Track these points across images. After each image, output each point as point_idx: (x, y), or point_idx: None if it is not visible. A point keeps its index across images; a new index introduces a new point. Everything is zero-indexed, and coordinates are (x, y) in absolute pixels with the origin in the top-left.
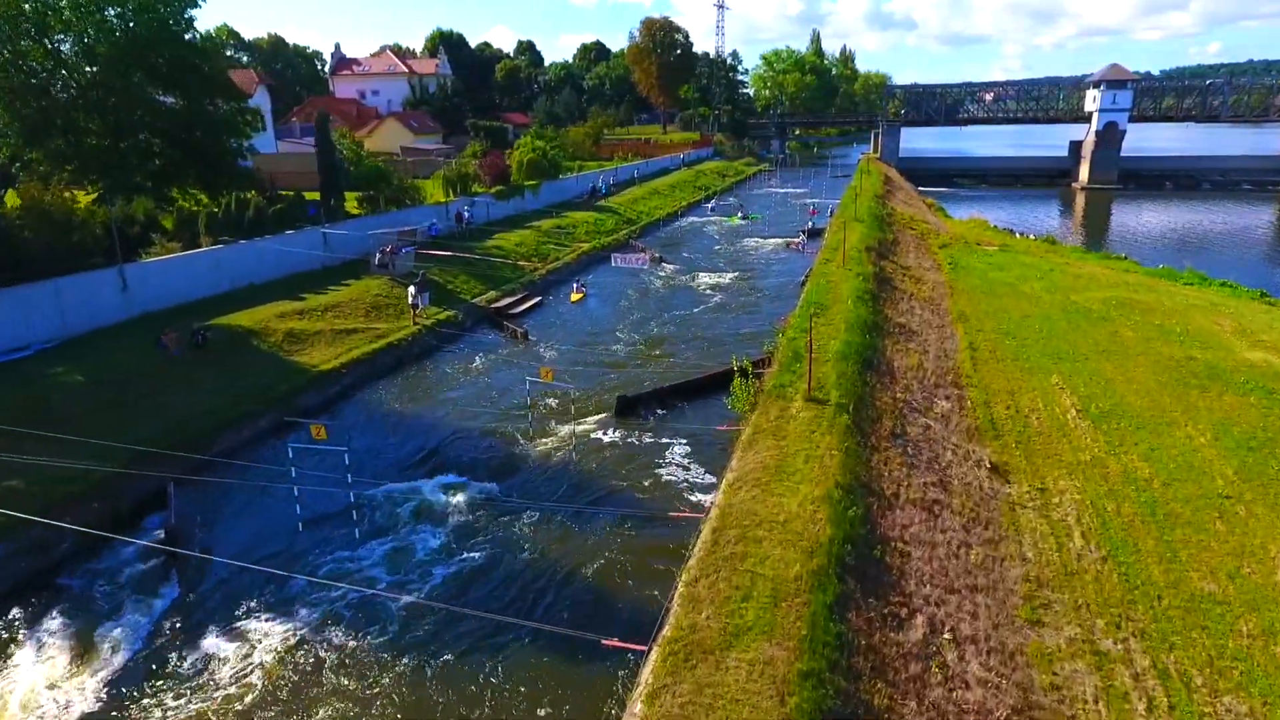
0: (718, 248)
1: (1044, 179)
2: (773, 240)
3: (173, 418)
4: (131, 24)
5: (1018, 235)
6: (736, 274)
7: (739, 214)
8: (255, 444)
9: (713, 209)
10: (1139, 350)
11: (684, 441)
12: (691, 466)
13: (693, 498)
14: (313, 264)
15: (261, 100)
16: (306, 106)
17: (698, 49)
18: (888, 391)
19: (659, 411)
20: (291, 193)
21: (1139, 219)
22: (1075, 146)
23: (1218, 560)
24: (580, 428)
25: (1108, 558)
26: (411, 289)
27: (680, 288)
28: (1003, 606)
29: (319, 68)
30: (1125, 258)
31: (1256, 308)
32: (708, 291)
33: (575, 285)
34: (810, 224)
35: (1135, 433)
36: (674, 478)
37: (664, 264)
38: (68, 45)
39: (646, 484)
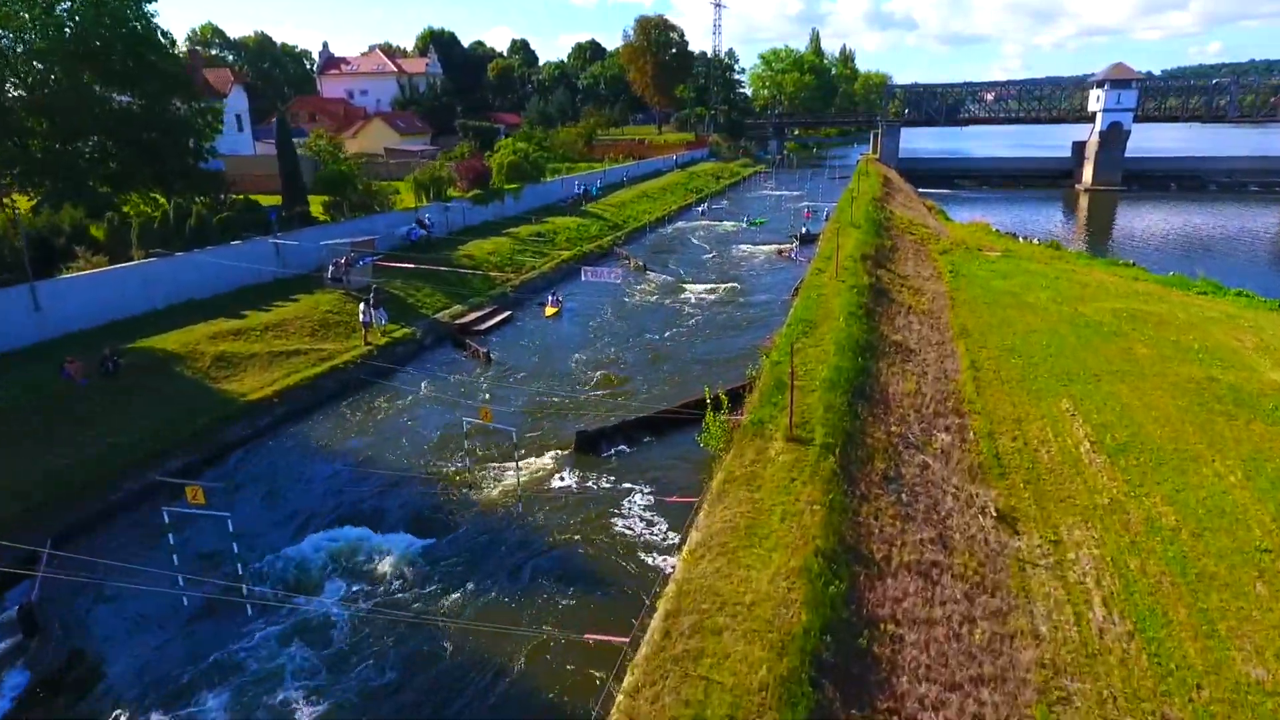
0: (706, 255)
1: (1047, 180)
2: (765, 246)
3: (59, 463)
4: (78, 18)
5: (1021, 240)
6: (724, 285)
7: (746, 219)
8: (152, 497)
9: (704, 212)
10: (1155, 370)
11: (647, 489)
12: (655, 520)
13: (650, 560)
14: (264, 276)
15: (238, 100)
16: (292, 106)
17: (696, 48)
18: (881, 424)
19: (623, 448)
20: (243, 197)
21: (1144, 222)
22: (1078, 147)
23: (1263, 635)
24: (536, 465)
25: (1135, 633)
26: (362, 305)
27: (663, 300)
28: (1013, 704)
29: (308, 67)
30: (1133, 264)
31: (1277, 320)
32: (691, 305)
33: (550, 299)
34: (804, 229)
35: (1157, 470)
36: (633, 532)
37: (648, 273)
38: (8, 40)
39: (600, 541)
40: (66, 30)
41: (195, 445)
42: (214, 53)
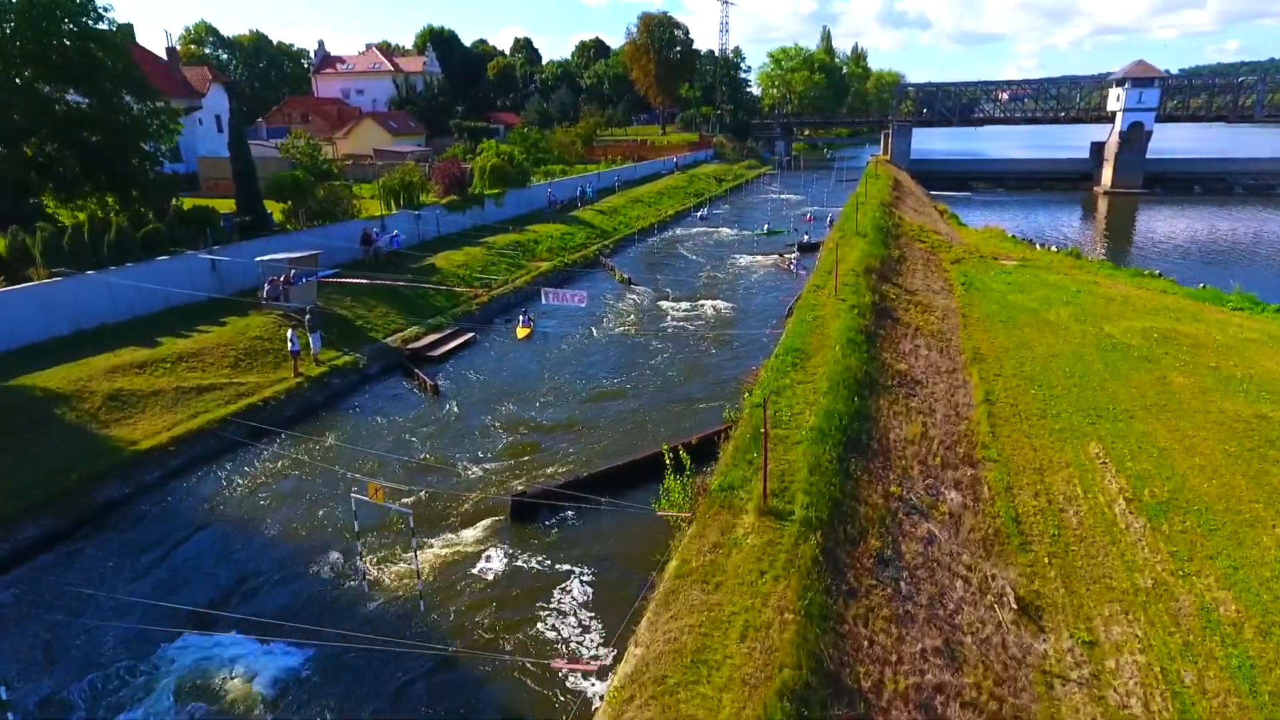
0: (699, 267)
1: (1064, 183)
2: (762, 257)
3: None
4: (11, 10)
5: (1038, 247)
6: (713, 302)
7: (764, 226)
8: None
9: (703, 218)
10: (1195, 405)
11: (589, 574)
12: (590, 624)
13: (575, 685)
14: (198, 295)
15: (218, 100)
16: (285, 107)
17: (705, 47)
18: (879, 483)
19: (568, 515)
20: (190, 205)
21: (1167, 226)
22: (1097, 148)
23: None
24: (458, 543)
25: None
26: (290, 332)
27: (645, 320)
28: None
29: (306, 67)
30: (1160, 275)
31: None
32: (676, 326)
33: (521, 318)
34: (806, 235)
35: (1208, 538)
36: (560, 637)
37: (633, 286)
38: None
39: (513, 656)
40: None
41: (60, 508)
42: (207, 51)
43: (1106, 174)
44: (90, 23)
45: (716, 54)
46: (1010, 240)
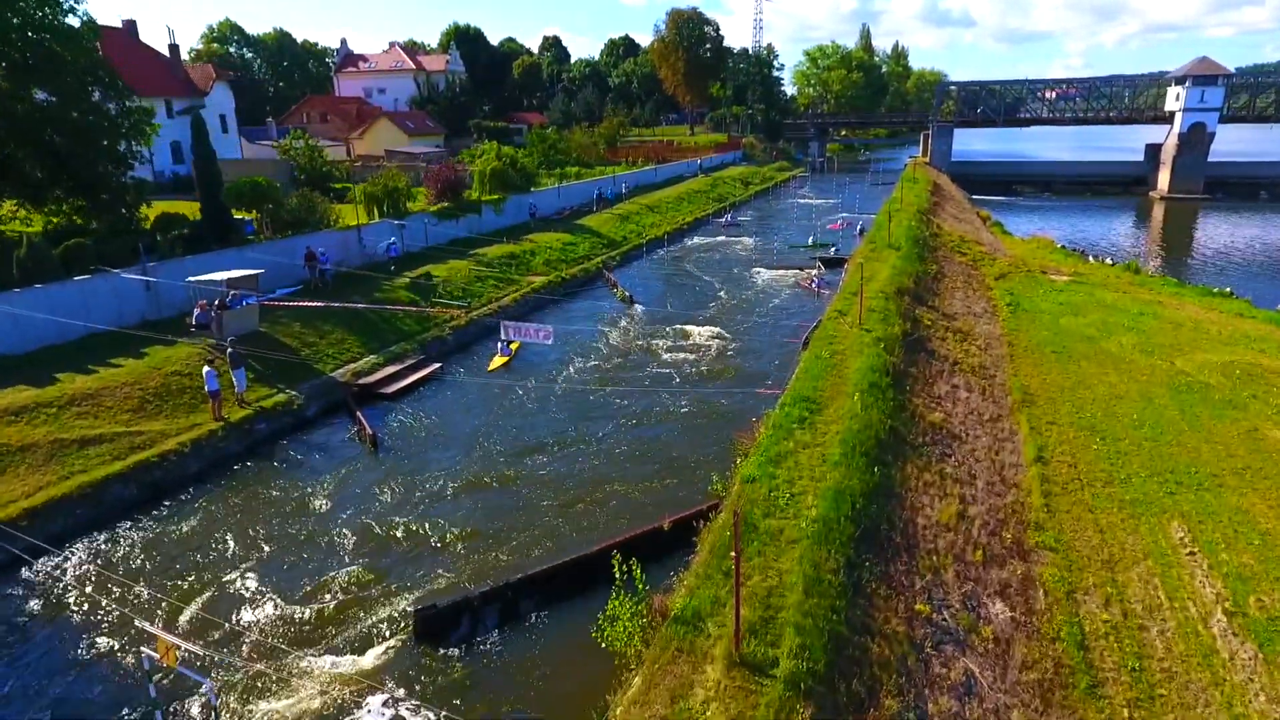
0: (711, 283)
1: (1117, 187)
2: (785, 271)
3: None
4: None
5: (1091, 259)
6: (718, 330)
7: (810, 239)
8: None
9: (726, 224)
10: None
11: None
12: None
13: None
14: (128, 318)
15: (223, 99)
16: (303, 106)
17: (740, 45)
18: (900, 598)
19: (490, 633)
20: (153, 214)
21: (1232, 236)
22: (1153, 150)
23: None
24: (344, 667)
25: None
26: (206, 369)
27: (637, 354)
28: None
29: (330, 66)
30: (1232, 294)
31: None
32: (669, 363)
33: (500, 345)
34: (834, 248)
35: None
36: None
37: (635, 306)
38: None
39: None
40: None
41: None
42: (231, 50)
43: (1163, 178)
44: (50, 17)
45: (750, 51)
46: (1060, 251)
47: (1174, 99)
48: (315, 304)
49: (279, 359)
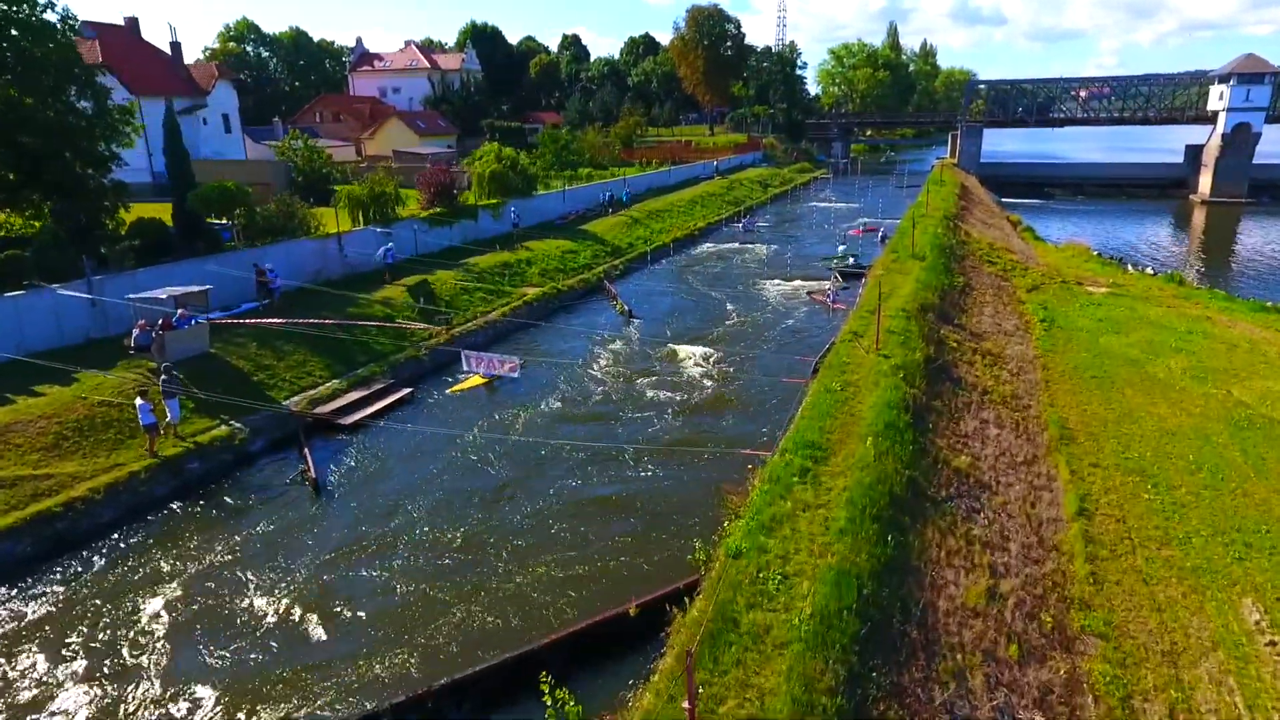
0: (718, 296)
1: (1153, 190)
2: (802, 282)
3: None
4: None
5: (1130, 269)
6: (718, 354)
7: (841, 248)
8: None
9: (744, 228)
10: None
11: None
12: None
13: None
14: (70, 337)
15: (225, 98)
16: (315, 105)
17: (762, 43)
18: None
19: None
20: (130, 218)
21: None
22: (1194, 152)
23: None
24: None
25: None
26: (139, 401)
27: (624, 384)
28: None
29: (347, 65)
30: None
31: None
32: (655, 399)
33: (473, 363)
34: (851, 258)
35: None
36: None
37: (634, 319)
38: None
39: None
40: None
41: None
42: (248, 49)
43: (1204, 181)
44: (26, 13)
45: (774, 49)
46: (1097, 260)
47: (1217, 98)
48: (273, 321)
49: (228, 385)
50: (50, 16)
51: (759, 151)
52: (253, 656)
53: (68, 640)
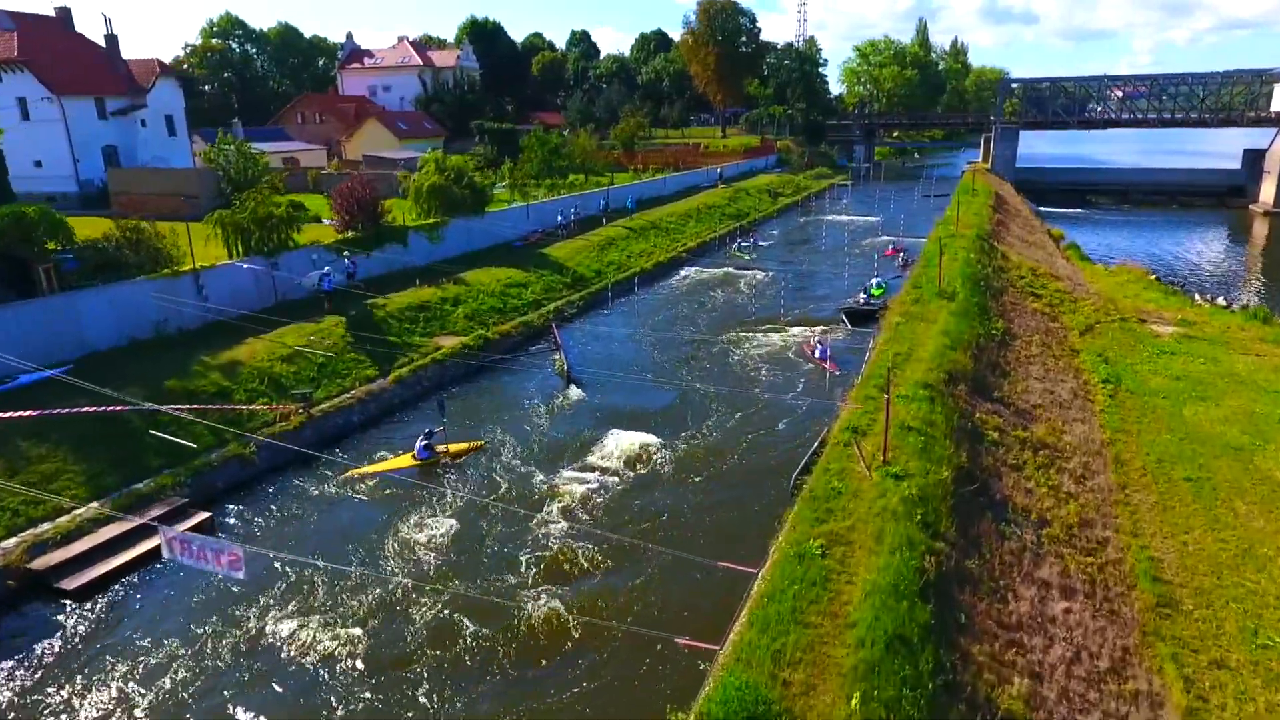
0: (691, 346)
1: (1208, 199)
2: (796, 332)
3: None
4: None
5: (1197, 299)
6: (668, 441)
7: (873, 282)
8: None
9: (747, 248)
10: None
11: None
12: None
13: None
14: None
15: (168, 97)
16: (297, 105)
17: (788, 40)
18: None
19: None
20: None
21: None
22: (1254, 157)
23: None
24: None
25: None
26: None
27: (530, 489)
28: None
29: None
30: None
31: None
32: (595, 503)
33: (419, 444)
34: (863, 295)
35: None
36: None
37: (571, 388)
38: None
39: None
40: None
41: None
42: (233, 45)
43: (1267, 189)
44: None
45: (796, 46)
46: (1156, 287)
47: None
48: (17, 415)
49: None
50: None
51: (773, 155)
52: None
53: None
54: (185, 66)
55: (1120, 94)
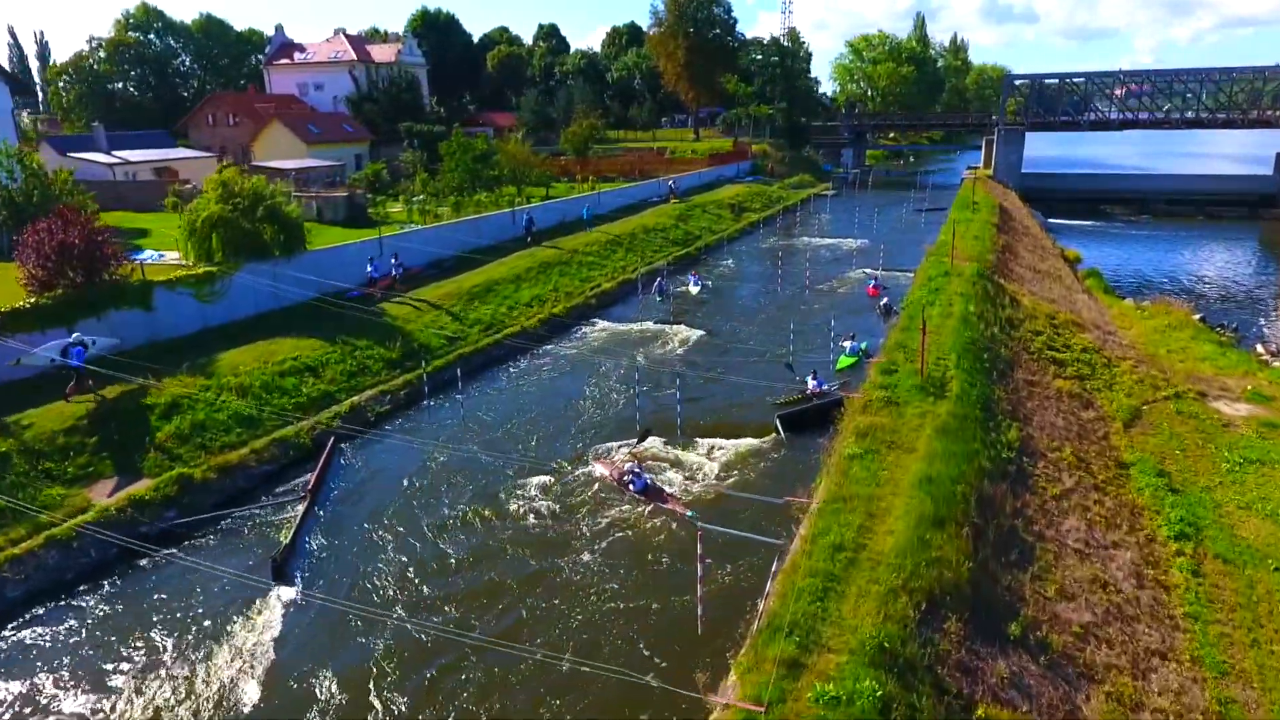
0: (541, 482)
1: (1238, 209)
2: (719, 445)
3: None
4: None
5: (1260, 353)
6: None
7: (846, 345)
8: None
9: (659, 291)
10: None
11: None
12: None
13: None
14: None
15: None
16: (206, 107)
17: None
18: None
19: None
20: None
21: None
22: None
23: None
24: None
25: None
26: None
27: None
28: None
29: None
30: None
31: None
32: None
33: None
34: (812, 379)
35: None
36: None
37: (277, 589)
38: None
39: None
40: None
41: None
42: (153, 39)
43: None
44: None
45: (780, 40)
46: (1206, 334)
47: None
48: None
49: None
50: None
51: (748, 161)
52: None
53: None
54: (89, 63)
55: (1133, 91)
